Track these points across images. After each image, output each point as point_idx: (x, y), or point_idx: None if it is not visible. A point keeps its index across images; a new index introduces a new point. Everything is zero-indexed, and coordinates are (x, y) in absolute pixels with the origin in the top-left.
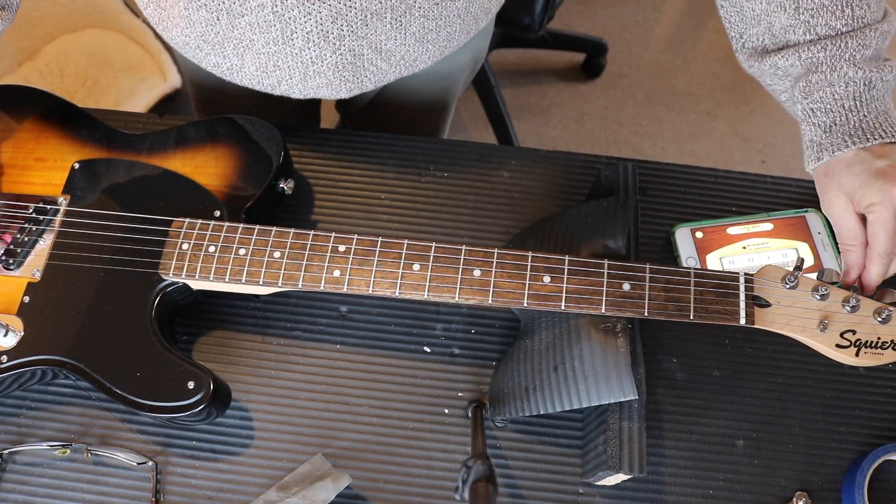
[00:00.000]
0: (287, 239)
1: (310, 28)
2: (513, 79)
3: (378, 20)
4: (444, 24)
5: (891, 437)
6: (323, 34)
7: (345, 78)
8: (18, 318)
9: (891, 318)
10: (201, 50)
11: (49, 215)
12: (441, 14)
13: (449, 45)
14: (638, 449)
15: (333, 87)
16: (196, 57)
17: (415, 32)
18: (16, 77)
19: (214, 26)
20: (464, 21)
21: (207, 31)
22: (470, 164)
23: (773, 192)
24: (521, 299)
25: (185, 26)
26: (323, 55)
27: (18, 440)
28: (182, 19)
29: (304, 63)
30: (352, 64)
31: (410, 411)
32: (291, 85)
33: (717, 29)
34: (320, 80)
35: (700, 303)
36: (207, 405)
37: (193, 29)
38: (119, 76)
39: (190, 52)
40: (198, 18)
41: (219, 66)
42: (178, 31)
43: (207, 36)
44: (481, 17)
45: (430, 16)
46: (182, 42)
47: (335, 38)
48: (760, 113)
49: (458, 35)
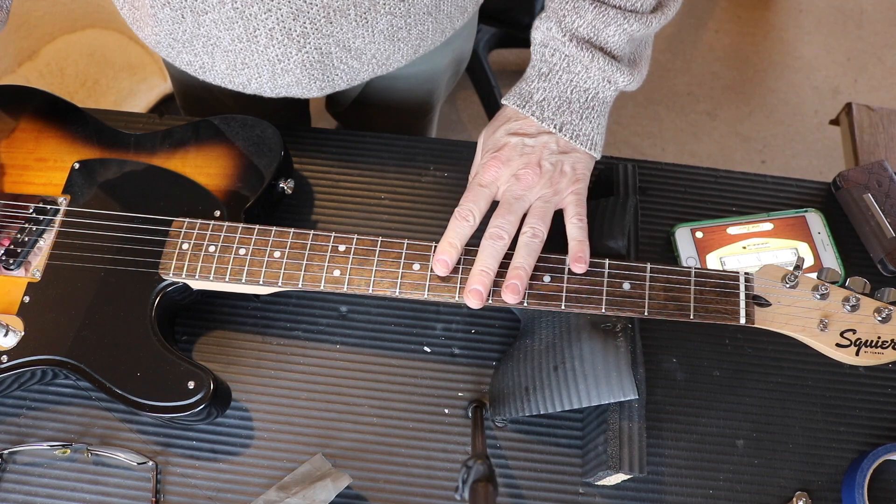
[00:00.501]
0: (287, 239)
1: (271, 25)
2: (513, 79)
3: (342, 17)
4: (414, 21)
5: (891, 437)
6: (286, 31)
7: (314, 76)
8: (19, 318)
9: (891, 317)
10: (173, 48)
11: (49, 215)
12: (408, 11)
13: (423, 43)
14: (638, 449)
15: (303, 86)
16: (170, 56)
17: (383, 30)
18: (16, 77)
19: (181, 24)
20: (436, 19)
21: (175, 29)
22: (470, 163)
23: (773, 192)
24: (522, 299)
25: (154, 24)
26: (288, 53)
27: (18, 440)
28: (151, 18)
29: (271, 61)
30: (320, 62)
31: (410, 411)
32: (261, 83)
33: (716, 29)
34: (289, 78)
35: (700, 302)
36: (207, 405)
37: (162, 27)
38: (119, 76)
39: (163, 50)
40: (164, 16)
41: (191, 64)
42: (150, 31)
43: (176, 34)
44: (456, 16)
45: (397, 13)
46: (154, 41)
47: (299, 36)
48: (760, 113)
49: (431, 34)
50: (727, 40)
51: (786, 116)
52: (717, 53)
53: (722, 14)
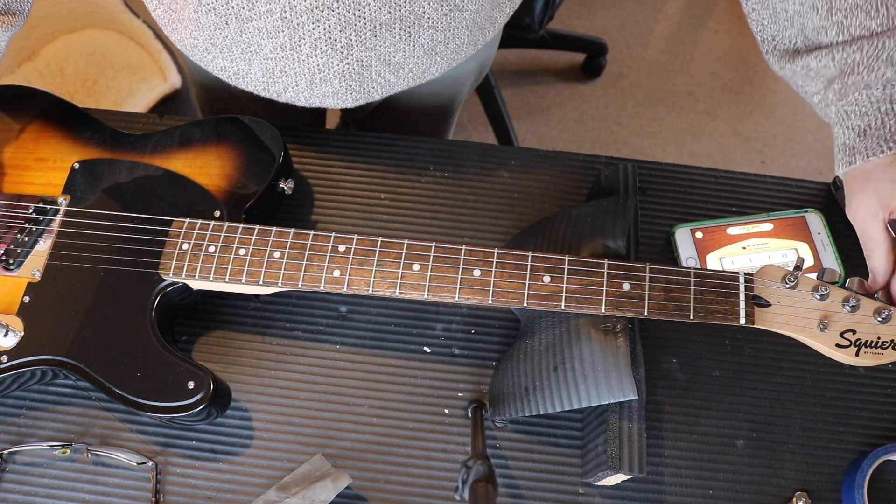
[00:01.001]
0: (287, 239)
1: (318, 35)
2: (513, 79)
3: (387, 31)
4: (453, 35)
5: (891, 437)
6: (331, 42)
7: (351, 87)
8: (18, 319)
9: (891, 317)
10: (209, 53)
11: (49, 215)
12: (450, 25)
13: (457, 56)
14: (638, 449)
15: (339, 96)
16: (203, 60)
17: (424, 44)
18: (16, 77)
19: (223, 30)
20: (471, 32)
21: (216, 34)
22: (470, 164)
23: (773, 192)
24: (521, 299)
25: (193, 29)
26: (330, 63)
27: (18, 440)
28: (191, 22)
29: (311, 70)
30: (359, 74)
31: (410, 411)
32: (297, 92)
33: (716, 29)
34: (326, 88)
35: (700, 303)
36: (207, 405)
37: (202, 32)
38: (119, 76)
39: (197, 55)
40: (206, 22)
41: (226, 69)
42: (188, 34)
43: (216, 39)
44: (488, 28)
45: (439, 27)
46: (190, 45)
47: (343, 47)
48: (760, 113)
49: (465, 47)
50: (727, 40)
51: (786, 116)
52: (717, 53)
53: (722, 14)
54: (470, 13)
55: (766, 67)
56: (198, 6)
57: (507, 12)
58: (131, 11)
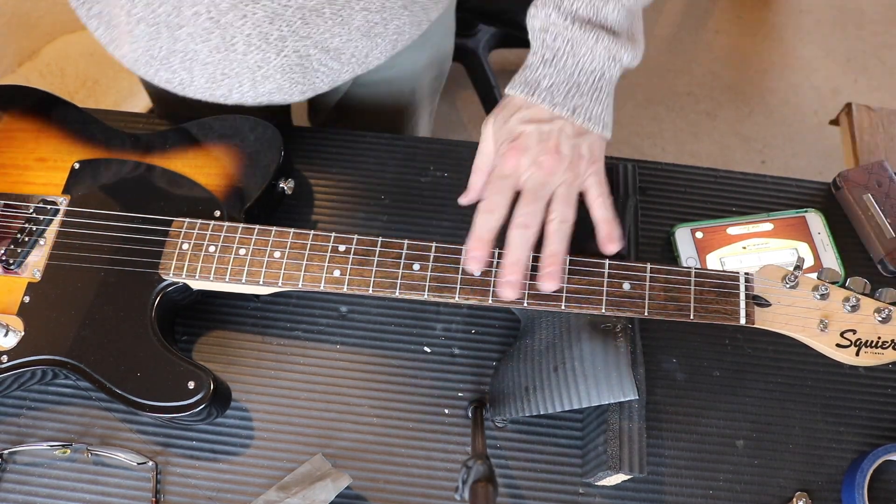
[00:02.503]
0: (287, 239)
1: (248, 31)
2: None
3: (318, 17)
4: (390, 16)
5: (891, 437)
6: (263, 36)
7: (294, 80)
8: (19, 318)
9: (891, 317)
10: (151, 66)
11: (49, 215)
12: (383, 6)
13: (400, 38)
14: (638, 449)
15: (285, 91)
16: (147, 74)
17: (359, 27)
18: (16, 77)
19: (157, 41)
20: (412, 12)
21: (151, 45)
22: (470, 164)
23: (773, 192)
24: (521, 299)
25: (130, 42)
26: (268, 58)
27: (18, 440)
28: (126, 35)
29: (251, 68)
30: (300, 66)
31: (410, 411)
32: (242, 93)
33: (717, 29)
34: (270, 84)
35: (700, 302)
36: (207, 405)
37: (138, 45)
38: (119, 76)
39: (141, 69)
40: (139, 33)
41: (170, 81)
42: (128, 49)
43: (153, 51)
44: (431, 7)
45: (373, 8)
46: (132, 59)
47: (276, 40)
48: (760, 113)
49: (408, 27)
50: (727, 40)
51: (786, 116)
52: (717, 53)
53: (722, 14)
54: None
55: (766, 67)
56: (128, 18)
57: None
58: None
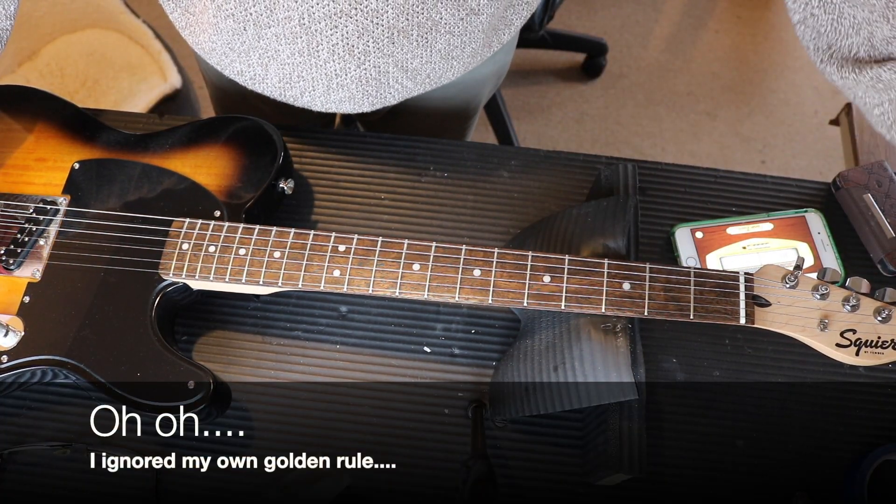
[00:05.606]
0: (287, 239)
1: (335, 41)
2: (513, 79)
3: (404, 38)
4: (469, 39)
5: (891, 437)
6: (348, 48)
7: (368, 93)
8: (19, 319)
9: (891, 317)
10: (226, 57)
11: (49, 215)
12: (466, 30)
13: (473, 60)
14: (638, 449)
15: (356, 101)
16: (220, 64)
17: (440, 50)
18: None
19: (241, 36)
20: (487, 35)
21: (234, 39)
22: (470, 164)
23: (773, 192)
24: (521, 299)
25: (212, 33)
26: (347, 69)
27: (18, 440)
28: (210, 26)
29: (328, 76)
30: (376, 80)
31: (410, 411)
32: (314, 97)
33: (717, 29)
34: (343, 93)
35: (700, 302)
36: (207, 405)
37: (220, 37)
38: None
39: (215, 58)
40: (225, 27)
41: (242, 74)
42: (206, 38)
43: (234, 44)
44: (503, 30)
45: (456, 32)
46: (208, 48)
47: (360, 53)
48: (760, 113)
49: (482, 50)
50: (727, 40)
51: (786, 116)
52: (717, 53)
53: (722, 14)
54: (486, 16)
55: (766, 67)
56: (217, 11)
57: (523, 14)
58: (131, 11)
